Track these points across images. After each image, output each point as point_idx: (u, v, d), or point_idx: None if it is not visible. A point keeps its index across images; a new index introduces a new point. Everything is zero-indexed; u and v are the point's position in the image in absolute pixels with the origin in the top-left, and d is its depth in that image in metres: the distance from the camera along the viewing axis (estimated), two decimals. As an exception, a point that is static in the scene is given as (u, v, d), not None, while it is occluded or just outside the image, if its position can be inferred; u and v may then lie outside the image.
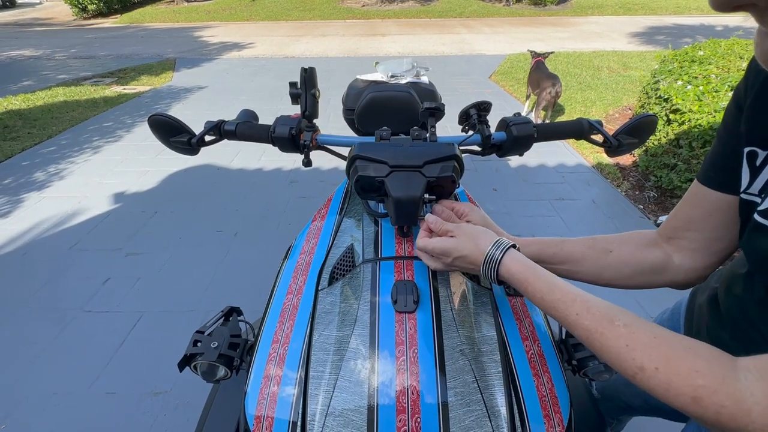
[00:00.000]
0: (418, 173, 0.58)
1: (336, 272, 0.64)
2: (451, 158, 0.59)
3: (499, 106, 4.47)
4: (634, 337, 0.39)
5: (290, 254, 0.72)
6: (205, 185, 2.89)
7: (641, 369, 0.37)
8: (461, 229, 0.55)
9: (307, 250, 0.70)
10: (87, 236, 2.36)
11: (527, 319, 0.60)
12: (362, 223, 0.71)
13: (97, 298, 1.90)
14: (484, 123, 0.79)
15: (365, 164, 0.59)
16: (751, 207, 0.45)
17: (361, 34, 9.28)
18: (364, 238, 0.67)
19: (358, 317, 0.54)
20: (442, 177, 0.58)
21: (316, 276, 0.64)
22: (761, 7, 0.28)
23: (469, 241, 0.53)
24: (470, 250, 0.53)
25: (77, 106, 4.53)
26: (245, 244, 2.27)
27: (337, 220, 0.75)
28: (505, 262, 0.50)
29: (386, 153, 0.59)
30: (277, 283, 0.67)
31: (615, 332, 0.40)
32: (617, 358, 0.39)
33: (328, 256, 0.67)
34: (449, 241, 0.54)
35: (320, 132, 0.82)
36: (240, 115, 0.87)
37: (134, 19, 11.64)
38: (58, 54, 7.56)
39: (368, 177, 0.58)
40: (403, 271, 0.59)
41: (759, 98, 0.45)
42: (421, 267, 0.60)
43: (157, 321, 1.77)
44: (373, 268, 0.60)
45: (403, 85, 1.45)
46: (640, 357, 0.38)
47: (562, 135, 0.83)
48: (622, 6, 11.85)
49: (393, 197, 0.57)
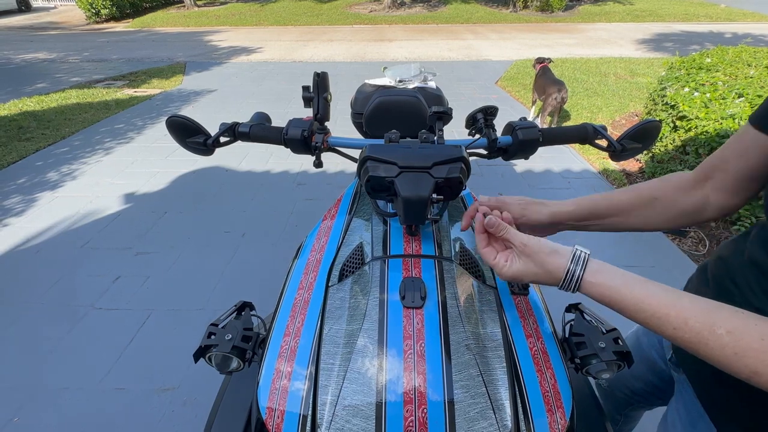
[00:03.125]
0: (427, 174, 0.60)
1: (346, 269, 0.66)
2: (458, 160, 0.61)
3: (505, 112, 4.48)
4: (741, 344, 0.38)
5: (301, 252, 0.74)
6: (213, 187, 2.93)
7: (756, 374, 0.37)
8: (526, 247, 0.50)
9: (318, 248, 0.72)
10: (98, 235, 2.41)
11: (531, 317, 0.62)
12: (371, 223, 0.73)
13: (108, 295, 1.94)
14: (491, 127, 0.81)
15: (376, 165, 0.61)
16: None
17: (369, 39, 9.37)
18: (373, 236, 0.69)
19: (368, 312, 0.57)
20: (449, 178, 0.60)
21: (327, 272, 0.67)
22: None
23: (535, 264, 0.49)
24: (540, 274, 0.49)
25: (90, 108, 4.62)
26: (252, 244, 2.30)
27: (347, 220, 0.78)
28: (586, 280, 0.46)
29: (396, 154, 0.62)
30: (289, 278, 0.69)
31: (719, 342, 0.38)
32: (728, 366, 0.39)
33: (338, 253, 0.69)
34: (516, 266, 0.51)
35: (331, 134, 0.84)
36: (254, 117, 0.90)
37: (145, 24, 11.84)
38: (72, 57, 7.71)
39: (379, 177, 0.60)
40: (411, 269, 0.61)
41: None
42: (428, 265, 0.62)
43: (166, 319, 1.80)
44: (381, 265, 0.62)
45: (411, 90, 1.48)
46: (753, 363, 0.37)
47: (566, 139, 0.85)
48: (629, 13, 11.84)
49: (402, 197, 0.59)
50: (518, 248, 0.51)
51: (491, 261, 0.53)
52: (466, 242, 0.71)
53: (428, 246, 0.66)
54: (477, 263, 0.67)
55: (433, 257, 0.63)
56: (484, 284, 0.64)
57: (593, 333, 0.61)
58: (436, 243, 0.67)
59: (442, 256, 0.65)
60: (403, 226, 0.70)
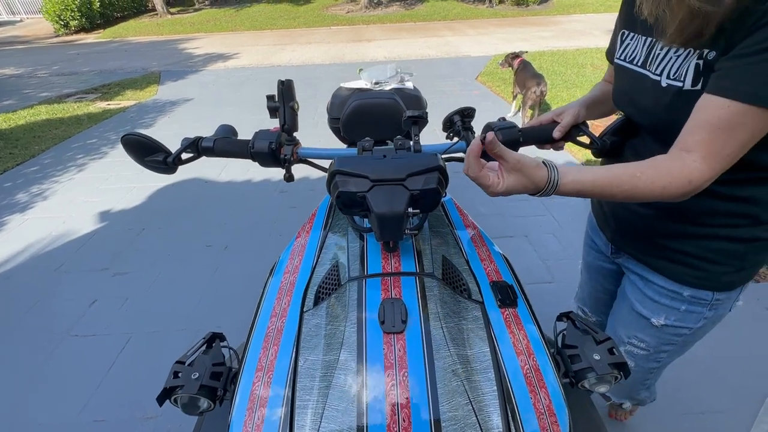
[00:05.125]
0: (401, 187, 0.56)
1: (321, 291, 0.62)
2: (434, 170, 0.57)
3: (486, 107, 4.48)
4: (650, 175, 0.58)
5: (274, 272, 0.69)
6: (193, 199, 2.84)
7: (664, 187, 0.58)
8: (520, 162, 0.57)
9: (292, 269, 0.67)
10: (73, 257, 2.30)
11: (521, 332, 0.58)
12: (347, 238, 0.68)
13: (84, 320, 1.85)
14: (469, 129, 0.78)
15: (346, 179, 0.57)
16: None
17: (347, 40, 9.29)
18: (349, 254, 0.65)
19: (345, 340, 0.52)
20: (426, 190, 0.56)
21: (301, 296, 0.62)
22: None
23: (525, 176, 0.57)
24: (528, 185, 0.58)
25: (60, 123, 4.45)
26: (235, 257, 2.23)
27: (322, 236, 0.73)
28: (561, 182, 0.58)
29: (367, 167, 0.57)
30: (261, 304, 0.64)
31: (641, 181, 0.58)
32: (652, 192, 0.58)
33: (313, 274, 0.65)
34: (508, 181, 0.58)
35: (301, 145, 0.79)
36: (218, 130, 0.84)
37: (117, 34, 11.53)
38: (40, 71, 7.45)
39: (349, 192, 0.56)
40: (391, 289, 0.57)
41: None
42: (409, 283, 0.58)
43: (146, 343, 1.72)
44: (359, 285, 0.58)
45: (388, 92, 1.44)
46: (660, 182, 0.58)
47: (546, 138, 0.82)
48: (603, 3, 12.03)
49: (375, 213, 0.55)
50: (511, 164, 0.57)
51: (487, 182, 0.58)
52: (449, 253, 0.67)
53: (408, 262, 0.61)
54: (461, 276, 0.64)
55: (413, 274, 0.59)
56: (470, 299, 0.60)
57: (587, 344, 0.58)
58: (417, 258, 0.63)
59: (424, 272, 0.60)
60: (381, 242, 0.66)
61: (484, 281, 0.63)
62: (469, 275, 0.64)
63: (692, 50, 0.59)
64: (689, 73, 0.60)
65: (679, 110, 0.63)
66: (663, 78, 0.65)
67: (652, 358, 0.90)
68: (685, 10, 0.55)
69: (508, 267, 0.69)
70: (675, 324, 0.81)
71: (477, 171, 0.56)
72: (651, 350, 0.88)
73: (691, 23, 0.56)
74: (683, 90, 0.61)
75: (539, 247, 2.23)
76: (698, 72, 0.58)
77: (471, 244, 0.72)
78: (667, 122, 0.66)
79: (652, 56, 0.67)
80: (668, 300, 0.79)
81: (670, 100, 0.64)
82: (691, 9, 0.53)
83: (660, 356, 0.89)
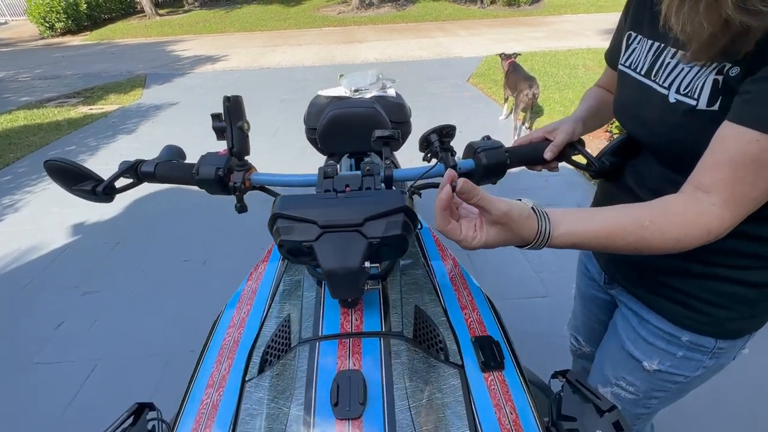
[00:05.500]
0: (357, 234, 0.46)
1: (269, 354, 0.51)
2: (398, 212, 0.47)
3: (478, 109, 4.40)
4: (660, 224, 0.48)
5: (217, 327, 0.58)
6: (171, 210, 2.72)
7: (678, 240, 0.48)
8: (507, 215, 0.46)
9: (238, 321, 0.57)
10: (42, 274, 2.17)
11: (508, 404, 0.48)
12: (303, 286, 0.58)
13: (49, 346, 1.72)
14: (448, 150, 0.68)
15: (289, 225, 0.47)
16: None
17: (338, 41, 9.18)
18: (303, 306, 0.54)
19: (288, 427, 0.42)
20: (388, 237, 0.46)
21: (245, 359, 0.51)
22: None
23: (512, 230, 0.47)
24: (513, 240, 0.49)
25: (38, 130, 4.29)
26: (215, 272, 2.12)
27: (275, 281, 0.62)
28: (553, 235, 0.48)
29: (316, 210, 0.47)
30: (198, 369, 0.54)
31: (650, 231, 0.48)
32: (661, 245, 0.49)
33: (261, 330, 0.54)
34: (488, 235, 0.48)
35: (255, 170, 0.69)
36: (162, 152, 0.74)
37: (104, 36, 11.31)
38: (22, 75, 7.25)
39: (293, 242, 0.46)
40: (349, 356, 0.47)
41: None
42: (371, 347, 0.48)
43: (114, 369, 1.60)
44: (311, 351, 0.48)
45: (368, 101, 1.33)
46: (673, 233, 0.48)
47: (537, 158, 0.72)
48: (593, 4, 12.02)
49: (324, 269, 0.45)
50: (495, 217, 0.47)
51: (458, 236, 0.48)
52: (423, 301, 0.57)
53: (372, 318, 0.51)
54: (437, 332, 0.53)
55: (377, 335, 0.49)
56: (447, 363, 0.50)
57: (587, 414, 0.48)
58: (383, 311, 0.52)
59: (390, 331, 0.50)
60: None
61: (465, 337, 0.54)
62: (447, 329, 0.54)
63: (709, 62, 0.50)
64: (705, 90, 0.50)
65: (690, 131, 0.54)
66: (671, 92, 0.55)
67: (641, 404, 0.80)
68: (719, 24, 0.44)
69: (493, 315, 0.59)
70: (669, 370, 0.71)
71: (444, 225, 0.46)
72: (640, 395, 0.78)
73: (722, 38, 0.46)
74: (696, 109, 0.51)
75: (532, 257, 2.13)
76: (716, 89, 0.49)
77: (450, 288, 0.62)
78: (674, 143, 0.57)
79: (659, 65, 0.58)
80: (664, 343, 0.70)
81: (680, 120, 0.54)
82: (729, 23, 0.43)
83: (650, 402, 0.79)
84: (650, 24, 0.61)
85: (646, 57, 0.61)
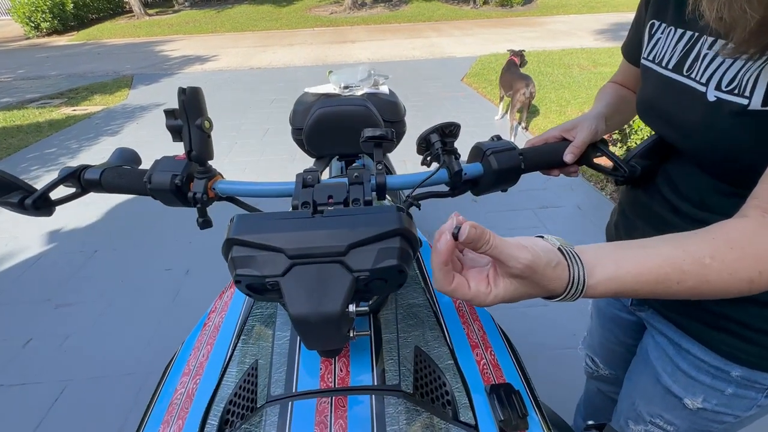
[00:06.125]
0: (339, 266, 0.35)
1: (231, 410, 0.40)
2: (393, 234, 0.36)
3: (473, 110, 4.31)
4: (728, 262, 0.37)
5: (169, 371, 0.47)
6: (153, 216, 2.58)
7: (751, 281, 0.38)
8: (530, 268, 0.35)
9: (194, 368, 0.46)
10: (12, 285, 2.03)
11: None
12: (275, 324, 0.47)
13: (15, 365, 1.59)
14: (452, 153, 0.57)
15: (248, 254, 0.36)
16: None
17: (330, 41, 9.06)
18: (274, 350, 0.43)
19: None
20: (379, 269, 0.35)
21: (199, 421, 0.40)
22: None
23: (536, 283, 0.36)
24: (536, 293, 0.37)
25: (17, 131, 4.12)
26: (198, 283, 1.99)
27: (242, 315, 0.51)
28: (588, 284, 0.37)
29: (283, 234, 0.35)
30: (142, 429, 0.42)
31: (713, 270, 0.38)
32: (728, 287, 0.38)
33: (221, 381, 0.43)
34: (505, 290, 0.36)
35: (220, 177, 0.58)
36: (113, 156, 0.62)
37: (92, 36, 11.07)
38: (4, 76, 7.03)
39: (253, 277, 0.35)
40: (330, 420, 0.36)
41: None
42: (360, 408, 0.37)
43: (85, 391, 1.47)
44: (282, 413, 0.37)
45: (359, 98, 1.23)
46: (746, 272, 0.38)
47: (556, 161, 0.62)
48: (585, 4, 12.04)
49: (293, 315, 0.34)
50: (516, 271, 0.35)
51: (467, 295, 0.36)
52: (425, 340, 0.46)
53: (361, 367, 0.40)
54: (443, 381, 0.43)
55: (368, 390, 0.38)
56: (457, 423, 0.39)
57: None
58: (375, 358, 0.41)
59: (384, 384, 0.39)
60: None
61: (478, 386, 0.43)
62: (455, 376, 0.43)
63: (759, 54, 0.40)
64: (759, 86, 0.41)
65: (741, 136, 0.44)
66: (710, 89, 0.46)
67: None
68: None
69: (510, 355, 0.49)
70: (716, 409, 0.61)
71: (446, 284, 0.35)
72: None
73: None
74: (748, 110, 0.42)
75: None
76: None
77: (457, 320, 0.51)
78: (719, 150, 0.47)
79: (693, 57, 0.50)
80: (709, 378, 0.59)
81: (727, 123, 0.45)
82: None
83: None
84: (676, 10, 0.52)
85: (674, 49, 0.53)
